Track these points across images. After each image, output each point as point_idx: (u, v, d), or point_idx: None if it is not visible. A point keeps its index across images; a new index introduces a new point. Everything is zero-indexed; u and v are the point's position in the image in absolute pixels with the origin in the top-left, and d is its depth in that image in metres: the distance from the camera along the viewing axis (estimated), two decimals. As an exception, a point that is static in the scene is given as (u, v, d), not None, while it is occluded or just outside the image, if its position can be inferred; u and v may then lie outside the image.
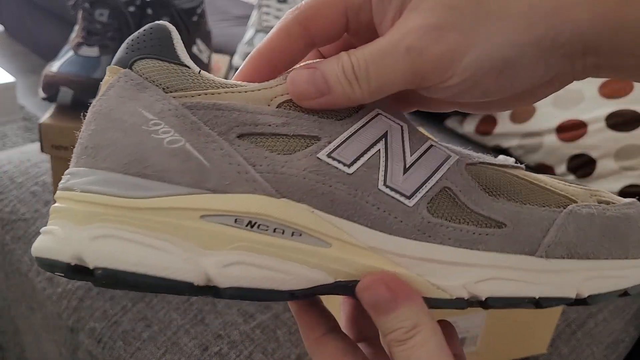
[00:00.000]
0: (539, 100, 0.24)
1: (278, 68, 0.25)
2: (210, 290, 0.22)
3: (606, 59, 0.21)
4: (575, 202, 0.27)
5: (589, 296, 0.25)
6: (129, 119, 0.23)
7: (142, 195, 0.22)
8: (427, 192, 0.24)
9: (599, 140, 0.83)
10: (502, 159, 0.28)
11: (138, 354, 0.55)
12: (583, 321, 0.68)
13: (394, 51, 0.22)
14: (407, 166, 0.24)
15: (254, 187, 0.23)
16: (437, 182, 0.24)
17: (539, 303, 0.24)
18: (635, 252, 0.26)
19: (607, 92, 0.86)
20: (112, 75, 0.25)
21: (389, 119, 0.25)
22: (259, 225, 0.23)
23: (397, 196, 0.24)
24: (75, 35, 0.68)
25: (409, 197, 0.24)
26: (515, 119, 0.94)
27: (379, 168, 0.24)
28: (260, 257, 0.22)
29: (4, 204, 0.73)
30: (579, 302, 0.25)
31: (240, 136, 0.23)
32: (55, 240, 0.22)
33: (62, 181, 0.24)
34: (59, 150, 0.64)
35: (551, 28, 0.20)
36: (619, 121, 0.82)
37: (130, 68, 0.24)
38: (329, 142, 0.24)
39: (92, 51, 0.66)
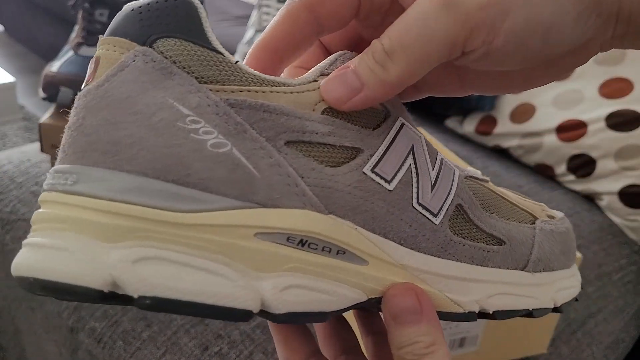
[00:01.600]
0: (563, 74, 0.23)
1: (283, 58, 0.23)
2: (261, 315, 0.20)
3: (635, 26, 0.20)
4: (536, 217, 0.28)
5: (561, 305, 0.27)
6: (158, 112, 0.19)
7: (188, 208, 0.19)
8: (447, 209, 0.24)
9: (599, 140, 0.83)
10: (471, 171, 0.28)
11: (138, 353, 0.55)
12: (583, 321, 0.68)
13: (429, 11, 0.19)
14: (432, 182, 0.24)
15: (304, 202, 0.21)
16: (453, 198, 0.24)
17: (531, 314, 0.26)
18: (570, 262, 0.29)
19: (607, 92, 0.86)
20: (120, 51, 0.20)
21: (411, 129, 0.24)
22: (309, 244, 0.21)
23: (427, 214, 0.23)
24: (75, 35, 0.68)
25: (435, 215, 0.24)
26: (515, 119, 0.94)
27: (411, 185, 0.23)
28: (310, 279, 0.21)
29: (4, 204, 0.73)
30: (554, 310, 0.27)
31: (287, 143, 0.21)
32: (74, 260, 0.18)
33: (57, 180, 0.20)
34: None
35: None
36: (619, 121, 0.82)
37: (151, 47, 0.20)
38: (371, 156, 0.22)
39: (92, 51, 0.66)
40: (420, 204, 0.23)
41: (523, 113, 0.93)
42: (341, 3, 0.22)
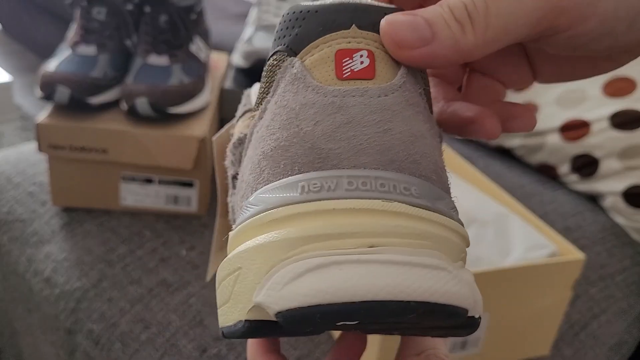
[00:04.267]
0: (628, 61, 0.23)
1: None
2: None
3: None
4: None
5: None
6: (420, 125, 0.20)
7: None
8: None
9: (602, 140, 0.83)
10: None
11: (136, 355, 0.54)
12: (586, 323, 0.68)
13: None
14: None
15: None
16: None
17: None
18: None
19: (611, 91, 0.85)
20: (387, 52, 0.20)
21: None
22: None
23: None
24: (72, 33, 0.68)
25: None
26: (517, 118, 0.94)
27: None
28: None
29: (1, 204, 0.72)
30: None
31: None
32: (459, 281, 0.17)
33: (388, 189, 0.17)
34: (56, 150, 0.63)
35: None
36: (623, 120, 0.82)
37: None
38: None
39: (90, 50, 0.65)
40: None
41: (525, 112, 0.93)
42: None
